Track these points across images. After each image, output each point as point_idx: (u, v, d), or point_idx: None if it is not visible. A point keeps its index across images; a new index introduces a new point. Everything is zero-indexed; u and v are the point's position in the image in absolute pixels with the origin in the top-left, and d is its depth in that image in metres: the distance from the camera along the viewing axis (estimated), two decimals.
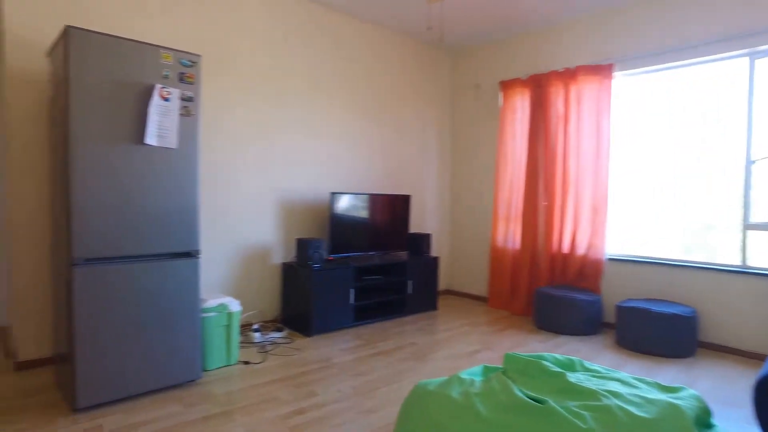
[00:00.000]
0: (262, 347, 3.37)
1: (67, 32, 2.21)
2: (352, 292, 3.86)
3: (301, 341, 3.54)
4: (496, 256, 4.71)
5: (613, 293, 4.02)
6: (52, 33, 2.89)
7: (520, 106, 4.58)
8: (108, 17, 3.07)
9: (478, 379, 1.93)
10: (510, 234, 4.62)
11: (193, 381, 2.72)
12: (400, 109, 4.80)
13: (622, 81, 4.04)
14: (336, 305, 3.77)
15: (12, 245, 2.84)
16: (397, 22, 4.43)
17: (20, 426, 2.20)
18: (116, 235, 2.38)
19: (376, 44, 4.55)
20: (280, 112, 3.91)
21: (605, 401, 1.64)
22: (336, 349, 3.38)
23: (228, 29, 3.59)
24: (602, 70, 3.95)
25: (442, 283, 5.34)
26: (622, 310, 3.57)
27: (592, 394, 1.70)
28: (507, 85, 4.66)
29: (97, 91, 2.29)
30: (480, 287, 5.06)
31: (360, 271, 4.10)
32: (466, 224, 5.19)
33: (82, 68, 2.25)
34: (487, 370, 2.07)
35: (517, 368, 1.96)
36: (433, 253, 5.20)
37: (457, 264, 5.30)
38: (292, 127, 3.99)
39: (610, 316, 4.04)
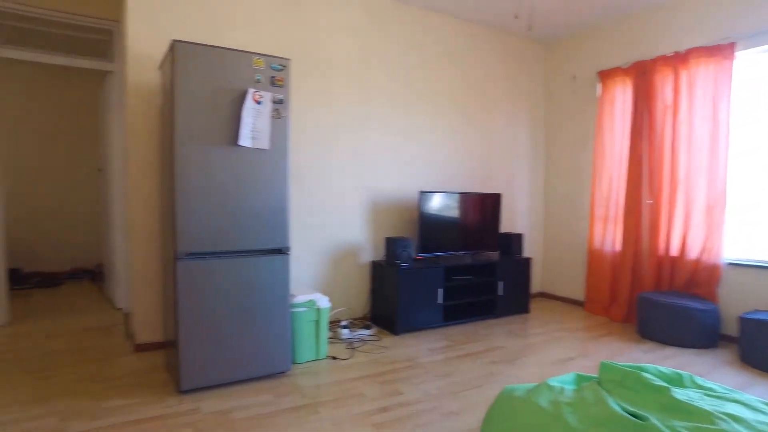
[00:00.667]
0: (350, 344, 3.43)
1: (174, 46, 2.41)
2: (440, 292, 3.81)
3: (389, 339, 3.55)
4: (594, 258, 4.41)
5: (735, 302, 3.57)
6: (163, 49, 3.16)
7: (621, 96, 4.24)
8: (211, 30, 3.30)
9: (569, 387, 1.80)
10: (609, 235, 4.30)
11: (283, 373, 2.84)
12: (490, 104, 4.66)
13: (743, 61, 3.58)
14: (424, 305, 3.74)
15: (132, 239, 3.15)
16: (485, 14, 4.30)
17: (134, 401, 2.44)
18: (214, 231, 2.54)
19: (464, 39, 4.45)
20: (368, 111, 3.96)
21: (722, 425, 1.45)
22: (423, 348, 3.36)
23: (315, 32, 3.71)
24: (721, 51, 3.52)
25: (535, 286, 5.11)
26: (748, 323, 3.16)
27: (704, 415, 1.51)
28: (606, 75, 4.33)
29: (197, 97, 2.47)
30: (576, 291, 4.76)
31: (449, 271, 4.03)
32: (561, 224, 4.91)
33: (185, 77, 2.43)
34: (580, 379, 1.93)
35: (614, 379, 1.80)
36: (526, 253, 4.98)
37: (551, 265, 5.04)
38: (380, 126, 4.02)
39: (730, 328, 3.60)
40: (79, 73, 5.78)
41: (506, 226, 4.86)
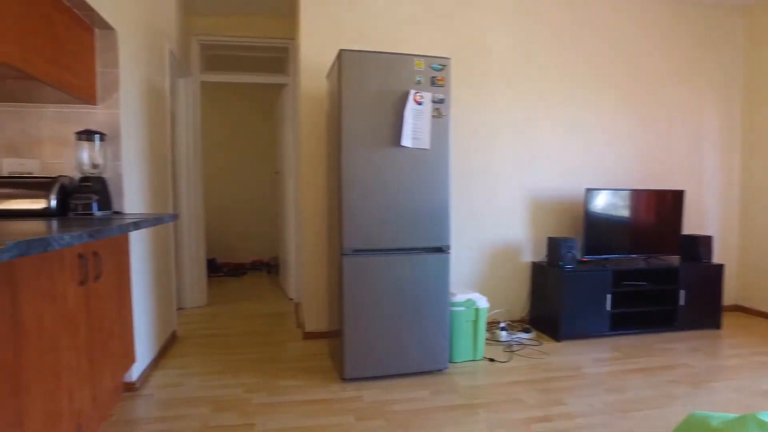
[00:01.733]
0: (508, 346, 3.31)
1: (340, 54, 2.57)
2: (608, 298, 3.48)
3: (549, 345, 3.35)
4: None
5: None
6: (330, 59, 3.40)
7: None
8: (375, 38, 3.45)
9: None
10: None
11: (440, 370, 2.85)
12: (668, 90, 4.11)
13: None
14: (589, 310, 3.46)
15: (302, 235, 3.45)
16: None
17: (304, 383, 2.67)
18: (377, 229, 2.65)
19: (638, 18, 3.99)
20: (531, 107, 3.78)
21: None
22: (588, 357, 3.10)
23: (479, 29, 3.64)
24: None
25: (728, 297, 4.37)
26: None
27: None
28: None
29: (362, 101, 2.59)
30: None
31: (619, 276, 3.66)
32: (765, 225, 4.12)
33: (351, 82, 2.57)
34: None
35: None
36: (716, 259, 4.29)
37: (751, 274, 4.26)
38: (542, 121, 3.81)
39: None
40: (261, 87, 6.53)
41: (690, 227, 4.24)
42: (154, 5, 3.12)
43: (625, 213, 3.70)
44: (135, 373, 2.57)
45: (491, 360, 3.06)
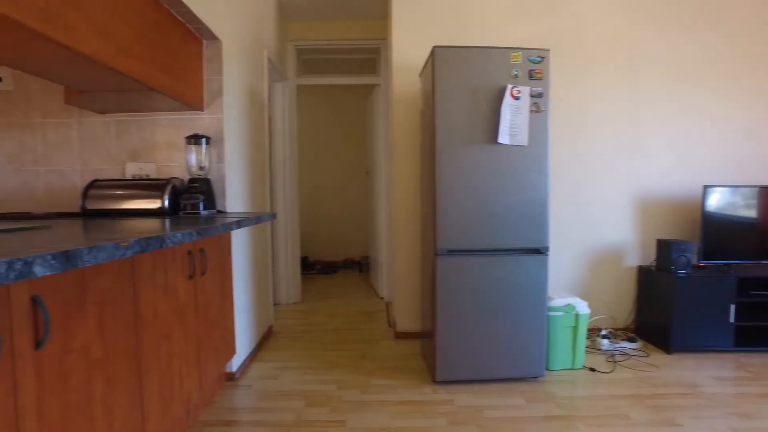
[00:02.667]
0: (611, 356, 3.08)
1: (434, 51, 2.53)
2: (732, 309, 3.11)
3: (659, 357, 3.07)
4: None
5: None
6: (423, 58, 3.37)
7: None
8: (470, 34, 3.37)
9: None
10: None
11: (535, 378, 2.71)
12: None
13: None
14: (707, 322, 3.11)
15: (394, 235, 3.46)
16: None
17: (395, 383, 2.66)
18: (472, 229, 2.58)
19: None
20: (638, 99, 3.48)
21: None
22: (706, 374, 2.79)
23: (578, 16, 3.42)
24: None
25: None
26: None
27: None
28: None
29: (457, 98, 2.53)
30: None
31: (746, 284, 3.25)
32: None
33: (445, 79, 2.52)
34: None
35: None
36: None
37: None
38: (651, 114, 3.49)
39: None
40: (353, 89, 6.68)
41: None
42: (255, 15, 3.29)
43: (752, 213, 3.28)
44: (235, 364, 2.72)
45: (592, 370, 2.86)
